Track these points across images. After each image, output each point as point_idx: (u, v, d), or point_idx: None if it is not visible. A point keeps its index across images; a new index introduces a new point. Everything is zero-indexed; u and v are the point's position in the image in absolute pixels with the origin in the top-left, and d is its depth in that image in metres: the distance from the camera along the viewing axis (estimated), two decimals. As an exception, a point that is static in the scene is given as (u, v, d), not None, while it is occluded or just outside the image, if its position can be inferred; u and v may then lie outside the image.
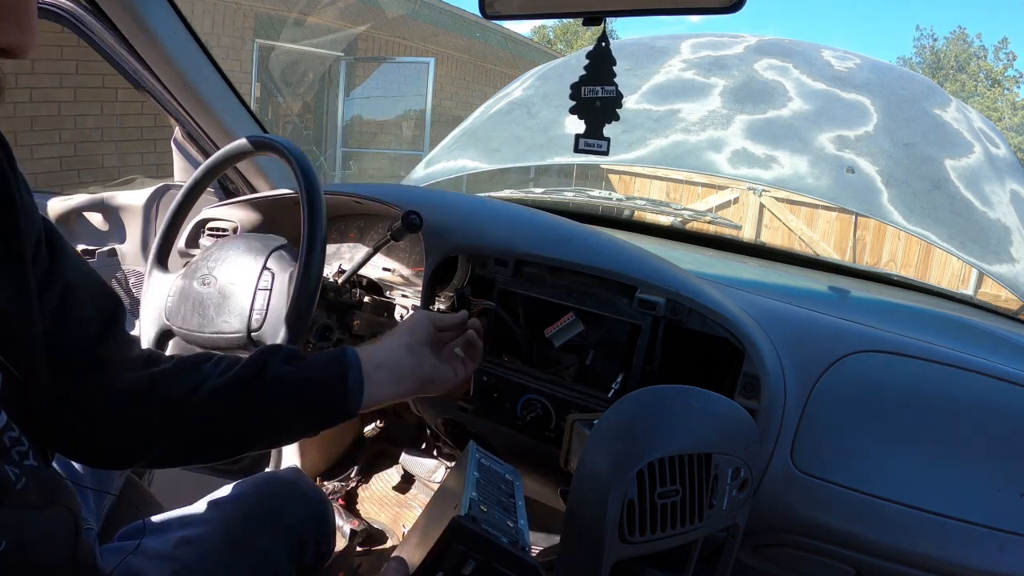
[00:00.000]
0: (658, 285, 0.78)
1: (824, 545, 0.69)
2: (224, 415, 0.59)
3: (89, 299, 0.57)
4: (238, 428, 0.60)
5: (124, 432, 0.58)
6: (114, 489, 0.82)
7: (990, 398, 0.70)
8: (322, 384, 0.62)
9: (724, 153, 1.67)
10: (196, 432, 0.60)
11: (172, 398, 0.59)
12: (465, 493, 0.56)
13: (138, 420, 0.58)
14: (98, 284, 0.60)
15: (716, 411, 0.62)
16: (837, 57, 1.82)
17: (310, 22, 6.48)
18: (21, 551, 0.45)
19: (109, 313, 0.59)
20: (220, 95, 1.26)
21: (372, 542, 1.35)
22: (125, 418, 0.58)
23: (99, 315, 0.58)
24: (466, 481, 0.59)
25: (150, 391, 0.59)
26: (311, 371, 0.62)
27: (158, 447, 0.60)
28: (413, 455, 1.43)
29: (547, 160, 1.87)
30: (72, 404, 0.56)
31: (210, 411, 0.59)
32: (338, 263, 1.12)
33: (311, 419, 0.62)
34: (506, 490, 0.62)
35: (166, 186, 1.46)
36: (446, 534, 0.51)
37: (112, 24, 1.13)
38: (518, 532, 0.55)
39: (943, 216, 1.46)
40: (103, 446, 0.59)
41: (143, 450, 0.60)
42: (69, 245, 0.57)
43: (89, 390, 0.57)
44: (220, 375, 0.60)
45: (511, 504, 0.60)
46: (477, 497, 0.56)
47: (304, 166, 0.83)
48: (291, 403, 0.61)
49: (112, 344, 0.59)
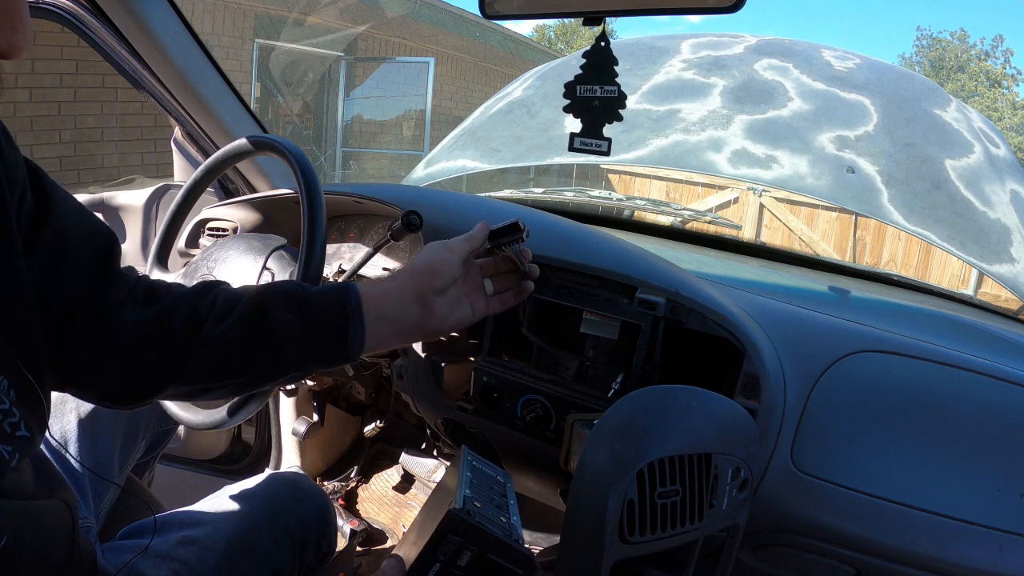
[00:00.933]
0: (658, 285, 0.78)
1: (824, 545, 0.69)
2: (225, 359, 0.59)
3: (82, 242, 0.55)
4: (240, 370, 0.60)
5: (130, 372, 0.58)
6: (113, 488, 0.82)
7: (990, 398, 0.70)
8: (323, 334, 0.61)
9: (724, 153, 1.67)
10: (200, 373, 0.59)
11: (177, 339, 0.58)
12: (459, 490, 0.58)
13: (144, 360, 0.57)
14: (90, 226, 0.57)
15: (716, 411, 0.62)
16: (837, 57, 1.82)
17: (310, 22, 6.49)
18: (20, 546, 0.45)
19: (103, 253, 0.57)
20: (220, 95, 1.26)
21: (372, 542, 1.35)
22: (131, 359, 0.57)
23: (93, 257, 0.56)
24: (459, 480, 0.60)
25: (155, 332, 0.58)
26: (313, 319, 0.60)
27: (165, 387, 0.59)
28: (413, 455, 1.43)
29: (547, 160, 1.87)
30: (74, 351, 0.55)
31: (214, 355, 0.58)
32: (338, 263, 1.12)
33: (311, 364, 0.62)
34: (498, 490, 0.64)
35: (166, 186, 1.46)
36: (442, 526, 0.53)
37: (112, 24, 1.13)
38: (511, 527, 0.57)
39: (943, 216, 1.46)
40: (110, 386, 0.58)
41: (150, 390, 0.59)
42: (58, 189, 0.55)
43: (91, 337, 0.55)
44: (219, 318, 0.59)
45: (503, 503, 0.62)
46: (471, 494, 0.58)
47: (304, 166, 0.82)
48: (293, 351, 0.60)
49: (109, 287, 0.57)
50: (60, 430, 0.79)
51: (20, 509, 0.47)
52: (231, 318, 0.59)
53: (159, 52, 1.15)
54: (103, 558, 0.66)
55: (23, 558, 0.46)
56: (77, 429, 0.79)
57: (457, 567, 0.54)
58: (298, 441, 1.38)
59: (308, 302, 0.61)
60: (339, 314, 0.61)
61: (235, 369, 0.60)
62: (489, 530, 0.54)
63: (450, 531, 0.53)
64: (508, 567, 0.54)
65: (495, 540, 0.54)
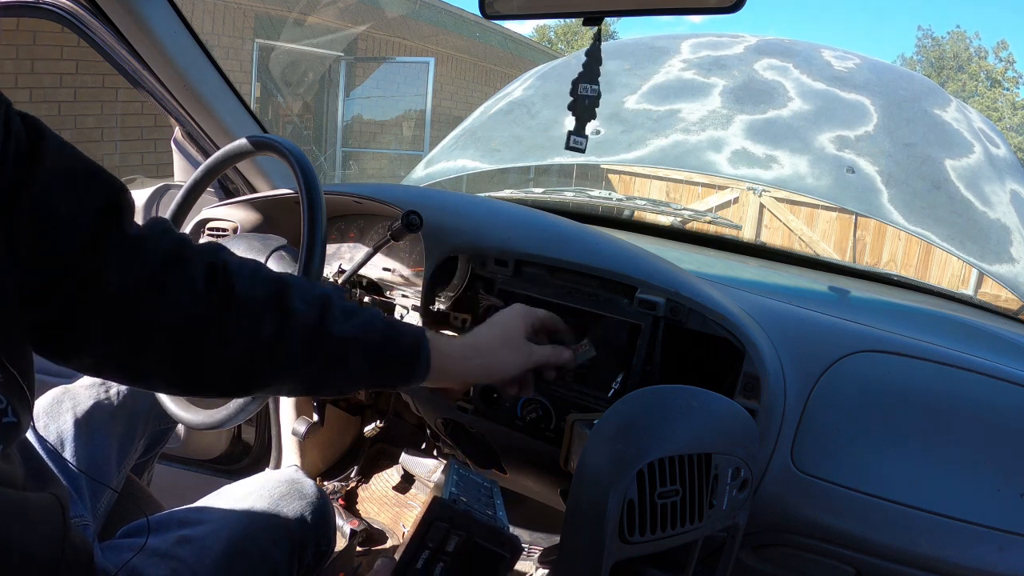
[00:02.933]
0: (658, 285, 0.78)
1: (824, 545, 0.69)
2: (290, 377, 0.59)
3: (77, 194, 0.47)
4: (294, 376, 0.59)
5: (122, 343, 0.52)
6: (113, 488, 0.82)
7: (990, 398, 0.70)
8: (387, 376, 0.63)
9: (724, 153, 1.67)
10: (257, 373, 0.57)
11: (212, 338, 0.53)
12: (446, 487, 0.61)
13: (146, 340, 0.52)
14: (88, 174, 0.49)
15: (716, 411, 0.62)
16: (837, 57, 1.82)
17: (310, 22, 6.49)
18: (7, 538, 0.45)
19: (100, 206, 0.48)
20: (220, 95, 1.26)
21: (372, 542, 1.35)
22: (125, 329, 0.51)
23: (87, 211, 0.48)
24: (446, 483, 0.64)
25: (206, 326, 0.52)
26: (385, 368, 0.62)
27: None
28: (413, 455, 1.43)
29: (547, 160, 1.87)
30: (62, 317, 0.49)
31: (281, 373, 0.57)
32: (338, 263, 1.12)
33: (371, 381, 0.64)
34: (485, 493, 0.67)
35: (166, 186, 1.46)
36: (429, 513, 0.55)
37: (112, 24, 1.13)
38: (496, 519, 0.60)
39: (943, 216, 1.46)
40: (103, 355, 0.53)
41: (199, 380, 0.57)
42: (52, 138, 0.47)
43: (80, 303, 0.48)
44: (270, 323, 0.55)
45: (490, 502, 0.65)
46: (457, 492, 0.61)
47: (304, 166, 0.83)
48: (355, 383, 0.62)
49: (109, 246, 0.49)
50: (56, 430, 0.79)
51: (9, 498, 0.47)
52: (291, 323, 0.56)
53: (159, 52, 1.15)
54: (102, 557, 0.66)
55: (11, 549, 0.45)
56: (73, 429, 0.79)
57: (445, 552, 0.56)
58: (298, 441, 1.37)
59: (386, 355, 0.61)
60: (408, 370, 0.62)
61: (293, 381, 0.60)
62: (475, 515, 0.56)
63: (437, 518, 0.55)
64: (495, 550, 0.56)
65: (481, 524, 0.56)
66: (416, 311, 1.02)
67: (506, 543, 0.57)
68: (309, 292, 0.59)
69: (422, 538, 0.55)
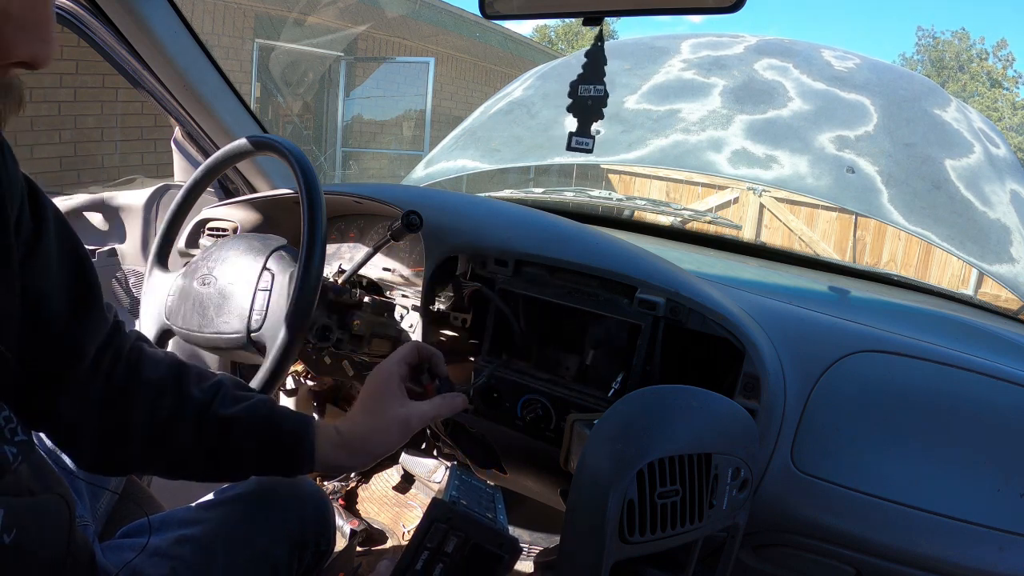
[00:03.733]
0: (658, 285, 0.78)
1: (824, 545, 0.69)
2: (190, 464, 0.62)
3: (65, 276, 0.56)
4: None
5: (101, 424, 0.58)
6: (113, 487, 0.82)
7: (990, 398, 0.70)
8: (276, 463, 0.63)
9: (724, 153, 1.67)
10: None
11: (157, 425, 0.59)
12: (447, 490, 0.62)
13: (111, 422, 0.58)
14: (75, 264, 0.58)
15: (716, 411, 0.62)
16: (837, 57, 1.82)
17: (310, 22, 6.48)
18: (26, 541, 0.46)
19: (79, 295, 0.57)
20: (220, 95, 1.26)
21: (372, 542, 1.35)
22: (101, 411, 0.58)
23: (70, 296, 0.56)
24: (447, 486, 0.65)
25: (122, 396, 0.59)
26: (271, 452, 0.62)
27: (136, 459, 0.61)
28: (413, 455, 1.43)
29: (547, 160, 1.87)
30: (48, 379, 0.55)
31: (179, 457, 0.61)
32: (338, 263, 1.12)
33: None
34: (487, 498, 0.67)
35: (166, 186, 1.46)
36: (428, 514, 0.56)
37: (112, 24, 1.13)
38: (496, 522, 0.61)
39: (943, 216, 1.46)
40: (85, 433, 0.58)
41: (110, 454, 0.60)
42: (54, 213, 0.55)
43: (63, 368, 0.55)
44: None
45: (491, 507, 0.65)
46: (457, 495, 0.62)
47: (304, 166, 0.83)
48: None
49: (82, 329, 0.57)
50: None
51: (24, 505, 0.48)
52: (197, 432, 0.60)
53: (159, 52, 1.15)
54: (103, 556, 0.66)
55: (27, 551, 0.46)
56: None
57: (444, 553, 0.56)
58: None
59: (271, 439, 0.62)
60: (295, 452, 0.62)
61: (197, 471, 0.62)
62: (474, 517, 0.57)
63: (436, 519, 0.56)
64: (493, 551, 0.57)
65: (479, 526, 0.57)
66: (416, 311, 1.02)
67: (504, 544, 0.58)
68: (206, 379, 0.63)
69: (421, 539, 0.56)
